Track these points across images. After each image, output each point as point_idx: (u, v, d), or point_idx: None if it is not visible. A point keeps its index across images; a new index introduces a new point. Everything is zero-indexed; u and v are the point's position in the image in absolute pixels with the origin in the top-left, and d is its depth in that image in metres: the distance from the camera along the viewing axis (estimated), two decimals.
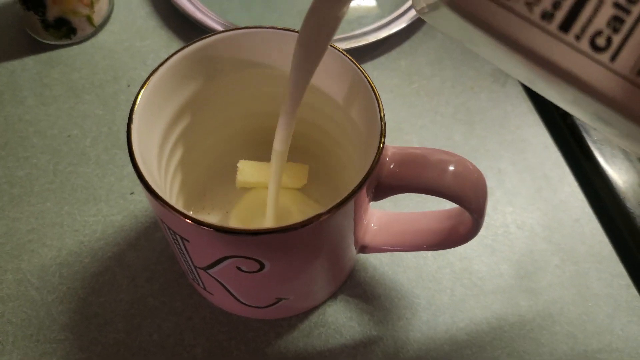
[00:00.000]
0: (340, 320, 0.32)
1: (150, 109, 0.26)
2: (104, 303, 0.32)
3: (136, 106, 0.25)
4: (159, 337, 0.31)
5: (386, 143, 0.25)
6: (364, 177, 0.23)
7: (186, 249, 0.26)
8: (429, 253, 0.34)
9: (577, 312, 0.33)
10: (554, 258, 0.34)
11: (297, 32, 0.27)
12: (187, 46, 0.27)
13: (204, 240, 0.24)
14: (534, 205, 0.36)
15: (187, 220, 0.23)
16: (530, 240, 0.35)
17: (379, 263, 0.34)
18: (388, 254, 0.34)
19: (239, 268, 0.25)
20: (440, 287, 0.33)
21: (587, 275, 0.34)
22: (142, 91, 0.25)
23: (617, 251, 0.35)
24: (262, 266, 0.25)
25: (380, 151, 0.24)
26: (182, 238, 0.25)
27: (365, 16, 0.42)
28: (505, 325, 0.32)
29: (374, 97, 0.26)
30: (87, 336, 0.31)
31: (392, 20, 0.41)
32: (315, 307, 0.32)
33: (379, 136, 0.24)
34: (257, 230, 0.22)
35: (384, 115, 0.25)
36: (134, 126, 0.25)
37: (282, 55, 0.28)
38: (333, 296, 0.33)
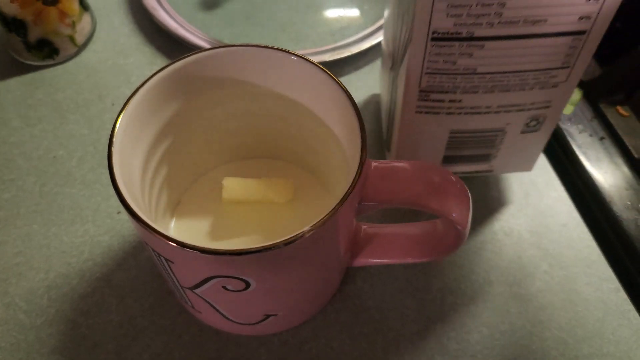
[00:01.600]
0: (330, 334, 0.32)
1: (131, 131, 0.26)
2: (93, 324, 0.32)
3: (116, 130, 0.25)
4: (149, 357, 0.31)
5: (369, 157, 0.25)
6: (345, 194, 0.23)
7: (171, 270, 0.26)
8: (418, 262, 0.34)
9: (567, 318, 0.33)
10: (543, 263, 0.35)
11: (277, 49, 0.28)
12: (165, 67, 0.27)
13: (188, 261, 0.24)
14: (521, 211, 0.36)
15: (170, 243, 0.22)
16: (518, 247, 0.35)
17: (368, 274, 0.34)
18: (376, 266, 0.34)
19: (225, 287, 0.25)
20: (430, 297, 0.33)
21: (576, 280, 0.34)
22: (122, 114, 0.25)
23: (605, 255, 0.35)
24: (247, 285, 0.25)
25: (361, 166, 0.24)
26: (166, 260, 0.25)
27: (348, 27, 0.42)
28: (495, 333, 0.32)
29: (354, 112, 0.26)
30: (77, 359, 0.31)
31: (375, 30, 0.41)
32: (306, 321, 0.32)
33: (359, 151, 0.24)
34: (240, 250, 0.22)
35: (364, 129, 0.25)
36: (114, 149, 0.25)
37: (264, 72, 0.29)
38: (323, 310, 0.33)
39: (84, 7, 0.40)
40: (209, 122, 0.31)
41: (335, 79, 0.27)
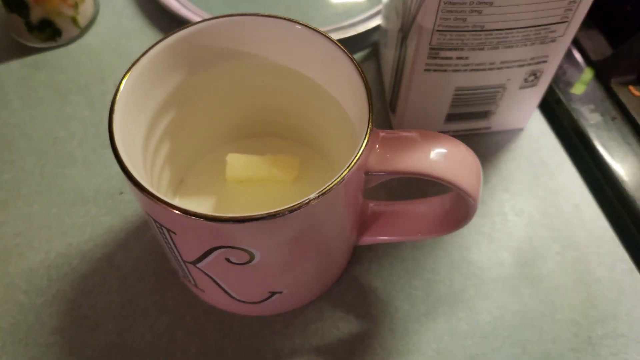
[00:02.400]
0: (336, 315, 0.31)
1: (134, 98, 0.25)
2: (95, 305, 0.31)
3: (118, 97, 0.24)
4: (151, 338, 0.30)
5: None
6: (352, 161, 0.23)
7: (174, 242, 0.25)
8: (426, 243, 0.33)
9: (579, 299, 0.32)
10: (554, 245, 0.34)
11: (282, 18, 0.27)
12: (168, 36, 0.26)
13: (190, 230, 0.23)
14: (532, 191, 0.35)
15: (173, 210, 0.22)
16: (529, 227, 0.34)
17: (375, 255, 0.33)
18: (384, 245, 0.33)
19: (228, 260, 0.25)
20: (438, 278, 0.32)
21: (588, 261, 0.33)
22: (124, 82, 0.25)
23: (618, 235, 0.34)
24: (252, 257, 0.24)
25: (368, 133, 0.23)
26: (168, 230, 0.24)
27: (352, 9, 0.42)
28: (506, 314, 0.31)
29: (362, 83, 0.25)
30: (77, 339, 0.30)
31: (379, 10, 0.40)
32: (311, 302, 0.31)
33: (367, 118, 0.24)
34: (244, 217, 0.22)
35: (371, 96, 0.24)
36: (115, 117, 0.24)
37: (268, 43, 0.28)
38: (329, 290, 0.32)
39: None
40: (212, 96, 0.30)
41: (342, 48, 0.26)
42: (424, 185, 0.35)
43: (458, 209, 0.27)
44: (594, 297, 0.32)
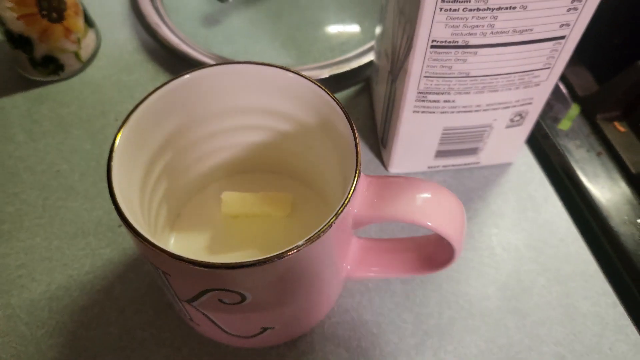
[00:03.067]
0: (328, 348, 0.32)
1: (131, 146, 0.26)
2: (94, 336, 0.32)
3: (116, 145, 0.25)
4: None
5: (366, 155, 0.25)
6: (339, 208, 0.24)
7: (169, 283, 0.26)
8: (416, 277, 0.34)
9: (564, 332, 0.33)
10: (540, 278, 0.35)
11: (275, 66, 0.28)
12: (165, 84, 0.27)
13: (184, 274, 0.24)
14: (519, 226, 0.36)
15: (166, 255, 0.23)
16: (516, 261, 0.35)
17: (366, 289, 0.34)
18: (374, 280, 0.34)
19: (221, 300, 0.26)
20: (427, 311, 0.33)
21: (573, 295, 0.34)
22: (122, 130, 0.26)
23: (602, 269, 0.35)
24: (243, 298, 0.25)
25: (355, 182, 0.24)
26: (163, 272, 0.25)
27: (347, 42, 0.43)
28: (493, 348, 0.32)
29: (349, 128, 0.26)
30: None
31: (373, 46, 0.41)
32: (303, 335, 0.32)
33: (354, 166, 0.25)
34: (235, 264, 0.23)
35: (358, 145, 0.25)
36: (114, 164, 0.25)
37: (260, 88, 0.29)
38: (320, 323, 0.33)
39: (89, 23, 0.41)
40: (207, 137, 0.31)
41: (331, 96, 0.27)
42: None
43: (442, 250, 0.28)
44: (578, 331, 0.33)
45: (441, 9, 0.26)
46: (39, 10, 0.37)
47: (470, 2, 0.25)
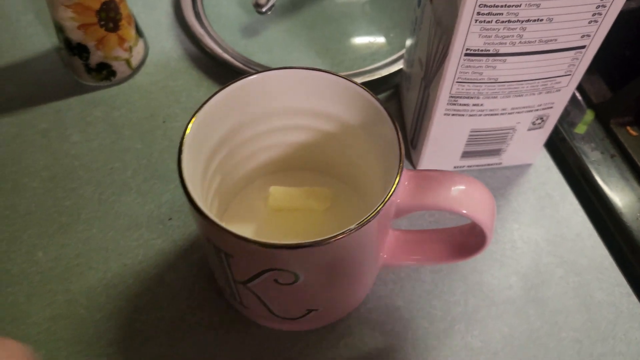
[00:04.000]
0: (364, 331, 0.35)
1: (196, 141, 0.29)
2: (147, 320, 0.35)
3: (184, 139, 0.28)
4: (199, 350, 0.34)
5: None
6: (386, 197, 0.27)
7: (229, 265, 0.29)
8: (444, 267, 0.37)
9: (581, 320, 0.36)
10: (559, 270, 0.37)
11: (323, 71, 0.31)
12: (225, 86, 0.30)
13: (247, 255, 0.27)
14: (538, 222, 0.39)
15: (235, 238, 0.26)
16: (535, 254, 0.38)
17: (398, 277, 0.37)
18: (406, 268, 0.37)
19: (276, 280, 0.28)
20: (454, 299, 0.36)
21: (589, 286, 0.37)
22: (190, 126, 0.29)
23: (617, 262, 0.38)
24: (296, 278, 0.28)
25: (399, 174, 0.27)
26: (226, 254, 0.28)
27: (377, 52, 0.46)
28: (515, 333, 0.35)
29: (393, 125, 0.29)
30: (132, 350, 0.34)
31: (401, 56, 0.45)
32: (341, 319, 0.35)
33: (398, 160, 0.28)
34: (295, 244, 0.26)
35: (401, 142, 0.28)
36: (183, 157, 0.28)
37: (309, 91, 0.32)
38: (357, 309, 0.36)
39: (139, 33, 0.45)
40: (257, 136, 0.34)
41: (377, 99, 0.30)
42: (438, 215, 0.39)
43: (473, 239, 0.31)
44: (594, 319, 0.36)
45: (476, 20, 0.29)
46: (98, 20, 0.40)
47: (502, 14, 0.28)
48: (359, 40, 0.47)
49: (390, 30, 0.47)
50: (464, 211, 0.28)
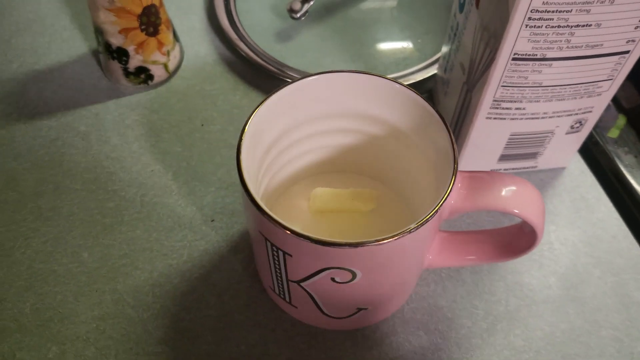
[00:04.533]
0: (408, 330, 0.36)
1: (250, 142, 0.30)
2: (194, 319, 0.36)
3: (243, 139, 0.29)
4: (246, 348, 0.35)
5: None
6: (441, 199, 0.27)
7: (285, 264, 0.30)
8: (484, 268, 0.38)
9: (620, 319, 0.36)
10: (596, 270, 0.38)
11: (371, 74, 0.32)
12: (279, 89, 0.31)
13: (307, 254, 0.28)
14: (574, 224, 0.40)
15: (297, 237, 0.26)
16: (573, 255, 0.39)
17: (439, 278, 0.38)
18: (447, 270, 0.38)
19: (333, 279, 0.29)
20: (495, 299, 0.37)
21: (627, 286, 0.38)
22: (247, 126, 0.30)
23: None
24: (354, 276, 0.29)
25: (453, 177, 0.28)
26: (284, 253, 0.29)
27: (410, 56, 0.47)
28: (556, 332, 0.36)
29: (445, 128, 0.30)
30: (181, 348, 0.35)
31: (435, 61, 0.45)
32: (386, 319, 0.36)
33: (452, 162, 0.29)
34: (358, 242, 0.26)
35: (455, 148, 0.29)
36: (242, 157, 0.29)
37: (358, 94, 0.33)
38: (400, 309, 0.36)
39: (176, 38, 0.45)
40: (305, 138, 0.35)
41: (430, 104, 0.31)
42: (476, 217, 0.40)
43: (522, 239, 0.32)
44: (633, 318, 0.36)
45: (527, 25, 0.30)
46: (139, 25, 0.41)
47: (553, 19, 0.29)
48: (391, 45, 0.48)
49: (420, 36, 0.48)
50: (516, 211, 0.29)
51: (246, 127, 0.30)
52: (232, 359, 0.34)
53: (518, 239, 0.32)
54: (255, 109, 0.30)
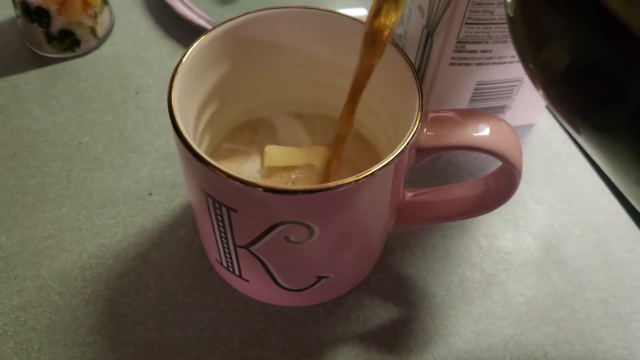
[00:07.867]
0: (375, 302, 0.32)
1: (185, 89, 0.26)
2: (132, 303, 0.31)
3: (174, 84, 0.25)
4: (193, 332, 0.30)
5: None
6: (409, 137, 0.24)
7: (230, 223, 0.25)
8: (455, 231, 0.34)
9: (605, 278, 0.33)
10: (575, 229, 0.35)
11: (322, 10, 0.28)
12: (218, 26, 0.27)
13: (256, 207, 0.24)
14: (548, 181, 0.37)
15: (244, 185, 0.22)
16: (549, 214, 0.36)
17: (407, 244, 0.34)
18: (414, 234, 0.34)
19: (287, 238, 0.25)
20: (470, 263, 0.33)
21: (608, 243, 0.35)
22: (179, 68, 0.25)
23: (633, 219, 0.36)
24: (311, 233, 0.25)
25: (419, 113, 0.25)
26: (229, 209, 0.24)
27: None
28: (538, 295, 0.32)
29: (408, 64, 0.26)
30: (117, 337, 0.30)
31: None
32: (350, 292, 0.32)
33: (416, 100, 0.25)
34: (314, 188, 0.22)
35: (420, 85, 0.25)
36: (174, 102, 0.25)
37: (310, 35, 0.29)
38: (366, 279, 0.32)
39: (104, 0, 0.41)
40: (252, 89, 0.31)
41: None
42: (443, 179, 0.36)
43: (501, 184, 0.28)
44: (617, 276, 0.33)
45: None
46: None
47: None
48: (343, 4, 0.45)
49: None
50: (494, 149, 0.25)
51: (177, 70, 0.25)
52: (177, 345, 0.30)
53: (497, 185, 0.29)
54: (187, 51, 0.26)
